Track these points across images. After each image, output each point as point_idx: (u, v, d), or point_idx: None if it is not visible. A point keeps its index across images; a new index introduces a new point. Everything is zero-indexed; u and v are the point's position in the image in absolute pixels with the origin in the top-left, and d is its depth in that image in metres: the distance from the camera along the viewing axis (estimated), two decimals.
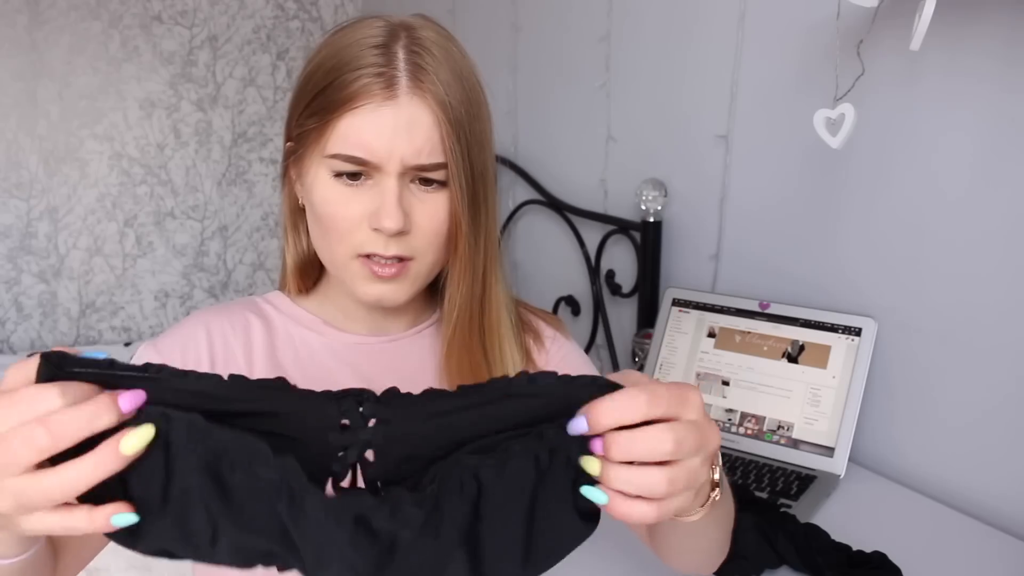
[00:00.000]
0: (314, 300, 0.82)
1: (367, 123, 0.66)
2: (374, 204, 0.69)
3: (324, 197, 0.70)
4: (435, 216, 0.70)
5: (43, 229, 2.55)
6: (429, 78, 0.67)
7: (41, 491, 0.43)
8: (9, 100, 2.44)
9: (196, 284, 2.80)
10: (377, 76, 0.66)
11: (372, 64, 0.66)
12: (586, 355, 0.89)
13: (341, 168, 0.68)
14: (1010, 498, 1.09)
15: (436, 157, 0.68)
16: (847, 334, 1.26)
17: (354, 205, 0.69)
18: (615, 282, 1.75)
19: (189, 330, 0.77)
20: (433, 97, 0.67)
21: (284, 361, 0.78)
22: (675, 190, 1.59)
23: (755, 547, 0.95)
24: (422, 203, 0.70)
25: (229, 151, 2.77)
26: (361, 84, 0.66)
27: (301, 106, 0.71)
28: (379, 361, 0.80)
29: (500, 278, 0.78)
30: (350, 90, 0.66)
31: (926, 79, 1.14)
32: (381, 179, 0.68)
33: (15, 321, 2.57)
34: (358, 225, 0.70)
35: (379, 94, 0.66)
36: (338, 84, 0.67)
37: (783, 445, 1.27)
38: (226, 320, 0.78)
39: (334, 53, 0.69)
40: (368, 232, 0.70)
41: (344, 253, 0.71)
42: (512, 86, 2.05)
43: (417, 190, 0.70)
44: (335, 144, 0.68)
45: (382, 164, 0.67)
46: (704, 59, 1.50)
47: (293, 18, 2.80)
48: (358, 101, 0.66)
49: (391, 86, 0.66)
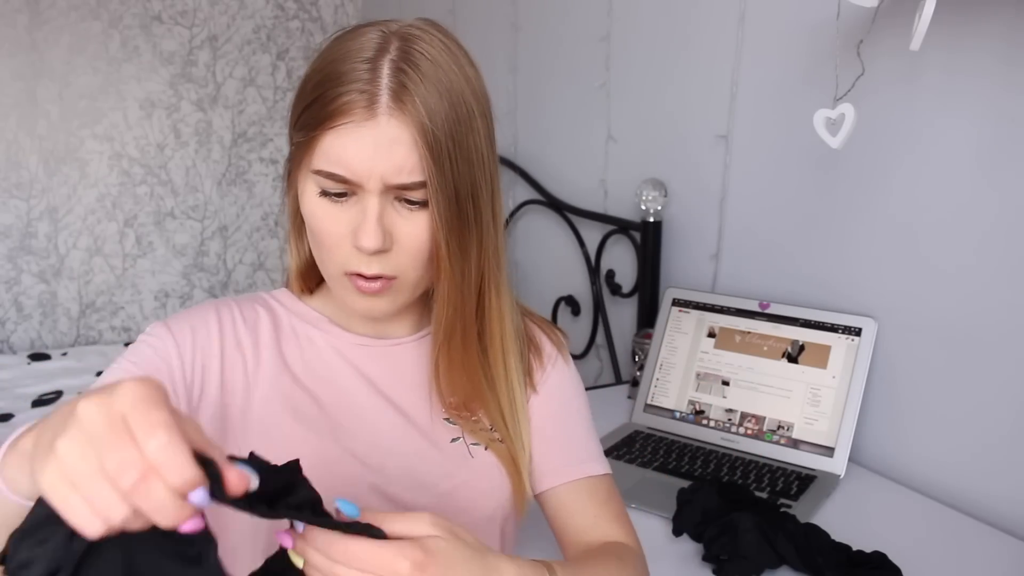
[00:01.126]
0: (318, 299, 0.83)
1: (348, 142, 0.66)
2: (356, 222, 0.69)
3: (312, 211, 0.70)
4: (417, 235, 0.70)
5: (43, 229, 2.55)
6: (410, 97, 0.66)
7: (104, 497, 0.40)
8: (9, 100, 2.44)
9: (196, 284, 2.80)
10: (360, 94, 0.66)
11: (356, 80, 0.66)
12: (579, 381, 0.88)
13: (325, 185, 0.69)
14: (1010, 498, 1.09)
15: (416, 176, 0.67)
16: (847, 334, 1.26)
17: (339, 222, 0.69)
18: (615, 282, 1.75)
19: (202, 314, 0.78)
20: (412, 117, 0.66)
21: (289, 356, 0.78)
22: (675, 190, 1.59)
23: (755, 547, 0.95)
24: (405, 221, 0.70)
25: (229, 151, 2.77)
26: (343, 101, 0.66)
27: (295, 115, 0.71)
28: (380, 364, 0.80)
29: (503, 292, 0.78)
30: (333, 107, 0.66)
31: (926, 79, 1.14)
32: (363, 197, 0.68)
33: (15, 321, 2.57)
34: (342, 241, 0.70)
35: (359, 113, 0.66)
36: (324, 99, 0.67)
37: (783, 445, 1.27)
38: (237, 311, 0.79)
39: (325, 65, 0.68)
40: (351, 249, 0.70)
41: (334, 267, 0.72)
42: (512, 86, 2.05)
43: (401, 208, 0.70)
44: (319, 160, 0.68)
45: (362, 183, 0.67)
46: (704, 59, 1.50)
47: (293, 18, 2.80)
48: (339, 119, 0.66)
49: (371, 105, 0.66)
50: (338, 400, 0.77)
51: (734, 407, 1.33)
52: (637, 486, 1.18)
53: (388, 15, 0.75)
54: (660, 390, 1.41)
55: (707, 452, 1.30)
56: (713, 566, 0.97)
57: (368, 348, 0.80)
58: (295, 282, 0.82)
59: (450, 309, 0.74)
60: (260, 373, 0.76)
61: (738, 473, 1.22)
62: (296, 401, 0.76)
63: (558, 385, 0.85)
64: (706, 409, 1.35)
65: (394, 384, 0.80)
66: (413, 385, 0.80)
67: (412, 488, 0.76)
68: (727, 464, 1.25)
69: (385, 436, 0.77)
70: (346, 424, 0.76)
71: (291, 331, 0.80)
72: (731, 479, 1.20)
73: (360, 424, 0.77)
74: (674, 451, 1.30)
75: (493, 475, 0.78)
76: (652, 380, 1.42)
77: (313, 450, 0.74)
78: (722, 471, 1.23)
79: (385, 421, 0.78)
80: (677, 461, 1.27)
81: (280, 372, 0.77)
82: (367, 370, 0.79)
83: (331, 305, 0.82)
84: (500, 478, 0.79)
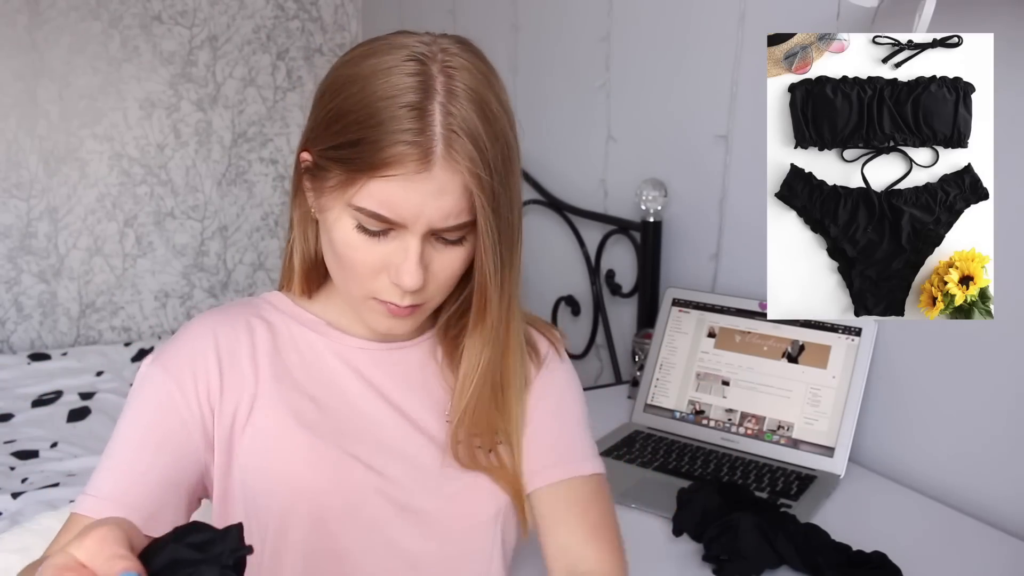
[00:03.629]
0: (317, 302, 0.82)
1: (398, 190, 0.66)
2: (395, 258, 0.69)
3: (345, 241, 0.70)
4: (451, 266, 0.72)
5: (43, 229, 2.55)
6: (463, 145, 0.65)
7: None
8: (9, 100, 2.44)
9: (196, 284, 2.80)
10: (411, 145, 0.64)
11: (406, 130, 0.64)
12: (576, 378, 0.88)
13: (365, 223, 0.68)
14: (1010, 498, 1.09)
15: (462, 219, 0.68)
16: (847, 334, 1.26)
17: (375, 254, 0.69)
18: (615, 282, 1.75)
19: (197, 343, 0.76)
20: (464, 166, 0.66)
21: (290, 363, 0.78)
22: (675, 190, 1.59)
23: (755, 547, 0.95)
24: (440, 255, 0.71)
25: (229, 151, 2.77)
26: (394, 153, 0.64)
27: (327, 138, 0.69)
28: (382, 367, 0.80)
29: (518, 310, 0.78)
30: (383, 155, 0.65)
31: None
32: (404, 236, 0.68)
33: (15, 321, 2.57)
34: (376, 272, 0.70)
35: (413, 165, 0.65)
36: (371, 143, 0.65)
37: (783, 445, 1.27)
38: (230, 325, 0.78)
39: (366, 103, 0.66)
40: (385, 281, 0.70)
41: (360, 290, 0.72)
42: (512, 86, 2.05)
43: (438, 244, 0.70)
44: (362, 199, 0.67)
45: (408, 225, 0.68)
46: (704, 59, 1.50)
47: (293, 18, 2.80)
48: (392, 169, 0.65)
49: (426, 158, 0.65)
50: (341, 405, 0.77)
51: (734, 407, 1.33)
52: (637, 486, 1.18)
53: (388, 15, 0.75)
54: (660, 390, 1.41)
55: (707, 452, 1.30)
56: (713, 566, 0.97)
57: (370, 352, 0.80)
58: (299, 284, 0.81)
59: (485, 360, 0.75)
60: (261, 385, 0.75)
61: (738, 473, 1.22)
62: (299, 408, 0.75)
63: (551, 383, 0.84)
64: (706, 409, 1.35)
65: (396, 387, 0.79)
66: (415, 388, 0.80)
67: (416, 492, 0.76)
68: (727, 464, 1.25)
69: (388, 440, 0.77)
70: (350, 429, 0.76)
71: (290, 338, 0.79)
72: (731, 479, 1.20)
73: (364, 428, 0.77)
74: (674, 451, 1.30)
75: (495, 477, 0.78)
76: (652, 380, 1.42)
77: (319, 456, 0.74)
78: (722, 471, 1.23)
79: (388, 425, 0.78)
80: (677, 461, 1.27)
81: (281, 381, 0.76)
82: (369, 374, 0.79)
83: (332, 308, 0.81)
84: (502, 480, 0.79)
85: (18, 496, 1.64)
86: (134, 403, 0.74)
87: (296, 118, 2.84)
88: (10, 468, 1.80)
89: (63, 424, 2.04)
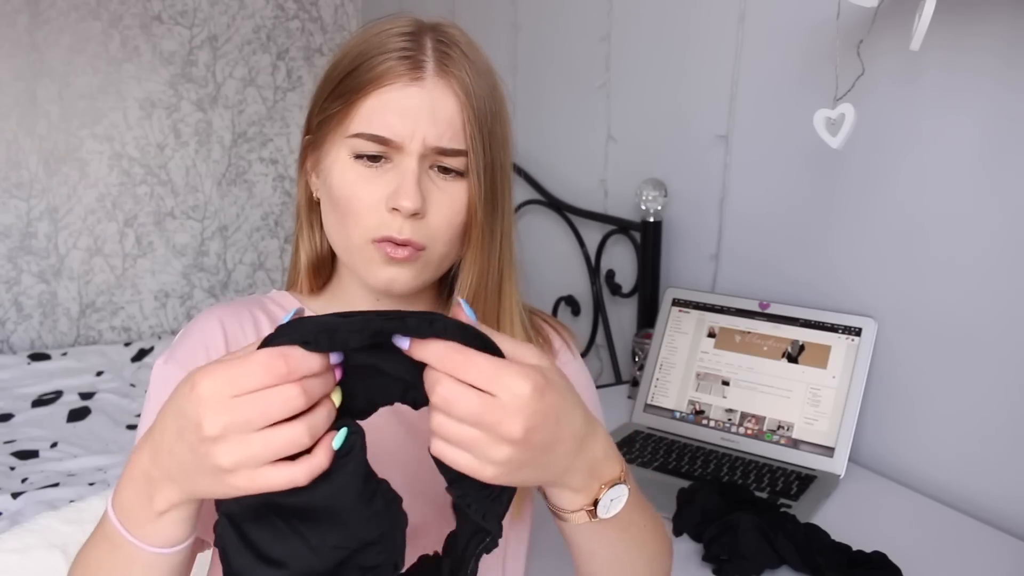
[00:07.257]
0: (323, 300, 0.82)
1: (392, 103, 0.68)
2: (392, 186, 0.69)
3: (343, 178, 0.71)
4: (451, 204, 0.71)
5: (43, 229, 2.55)
6: (456, 65, 0.69)
7: (276, 444, 0.47)
8: (9, 100, 2.44)
9: (196, 284, 2.80)
10: (404, 59, 0.68)
11: (400, 48, 0.68)
12: (589, 375, 0.87)
13: (362, 149, 0.69)
14: (1010, 498, 1.09)
15: (457, 143, 0.69)
16: (847, 334, 1.26)
17: (373, 187, 0.70)
18: (615, 282, 1.75)
19: (207, 332, 0.76)
20: (459, 83, 0.68)
21: None
22: (675, 190, 1.59)
23: (755, 547, 0.95)
24: (440, 190, 0.71)
25: (229, 151, 2.77)
26: (388, 66, 0.68)
27: (325, 93, 0.72)
28: None
29: (514, 282, 0.78)
30: (377, 71, 0.68)
31: (926, 79, 1.14)
32: (401, 161, 0.69)
33: (15, 321, 2.57)
34: (375, 207, 0.70)
35: (406, 75, 0.68)
36: (365, 67, 0.69)
37: (783, 445, 1.27)
38: (235, 317, 0.78)
39: (362, 42, 0.71)
40: (384, 214, 0.70)
41: (360, 236, 0.71)
42: (512, 86, 2.05)
43: (436, 177, 0.71)
44: (358, 124, 0.69)
45: (404, 144, 0.68)
46: (704, 59, 1.50)
47: (293, 18, 2.80)
48: (385, 81, 0.68)
49: (418, 68, 0.68)
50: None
51: (734, 407, 1.33)
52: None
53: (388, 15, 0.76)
54: (660, 390, 1.41)
55: (707, 452, 1.30)
56: (713, 566, 0.97)
57: None
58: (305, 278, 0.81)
59: (476, 277, 0.74)
60: None
61: (738, 473, 1.22)
62: None
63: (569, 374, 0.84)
64: (706, 409, 1.35)
65: None
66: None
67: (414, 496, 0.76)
68: (727, 464, 1.25)
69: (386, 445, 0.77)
70: None
71: None
72: (731, 479, 1.20)
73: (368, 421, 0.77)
74: (674, 451, 1.30)
75: None
76: (652, 380, 1.42)
77: None
78: (722, 471, 1.23)
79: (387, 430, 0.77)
80: (677, 461, 1.27)
81: None
82: None
83: (336, 305, 0.81)
84: None
85: (18, 496, 1.64)
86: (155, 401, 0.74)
87: (296, 118, 2.84)
88: (10, 468, 1.80)
89: (63, 424, 2.04)
